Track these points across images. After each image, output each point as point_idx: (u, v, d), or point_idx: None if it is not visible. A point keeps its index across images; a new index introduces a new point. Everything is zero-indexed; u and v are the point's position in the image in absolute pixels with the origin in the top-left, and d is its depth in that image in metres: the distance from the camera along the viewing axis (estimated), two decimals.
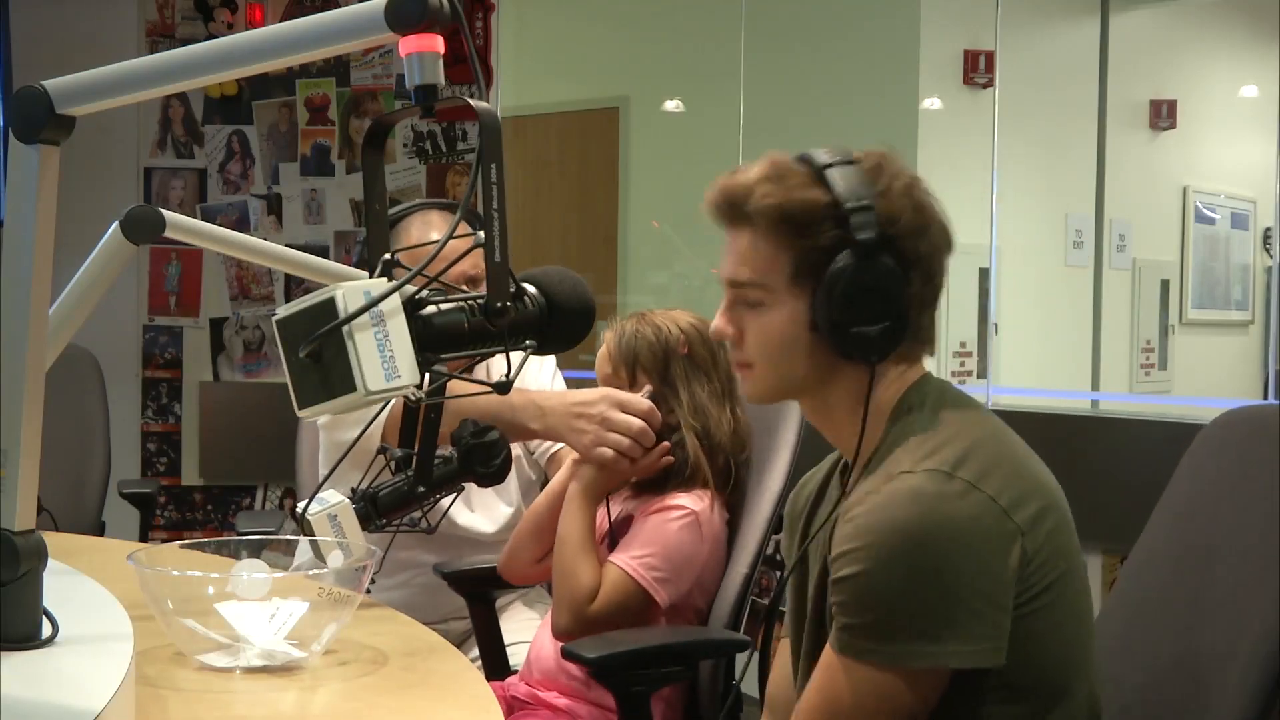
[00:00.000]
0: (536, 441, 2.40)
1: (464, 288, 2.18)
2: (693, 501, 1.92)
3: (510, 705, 1.97)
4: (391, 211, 2.35)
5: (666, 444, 1.93)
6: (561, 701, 1.93)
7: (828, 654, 1.30)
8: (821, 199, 1.32)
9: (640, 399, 1.93)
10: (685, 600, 1.93)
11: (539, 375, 2.41)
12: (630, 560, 1.87)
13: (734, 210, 1.38)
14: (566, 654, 1.72)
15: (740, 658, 1.90)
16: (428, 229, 2.31)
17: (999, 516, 1.25)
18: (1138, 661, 1.44)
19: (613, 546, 1.94)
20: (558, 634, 1.89)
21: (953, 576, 1.24)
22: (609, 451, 1.91)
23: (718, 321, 1.42)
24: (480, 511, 2.38)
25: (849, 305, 1.31)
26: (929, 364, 1.43)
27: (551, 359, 2.42)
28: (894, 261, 1.31)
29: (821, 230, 1.32)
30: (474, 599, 2.26)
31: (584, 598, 1.86)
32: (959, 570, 1.24)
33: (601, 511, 2.00)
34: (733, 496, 1.99)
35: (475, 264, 1.13)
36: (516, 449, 2.41)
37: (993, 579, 1.24)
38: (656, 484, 1.96)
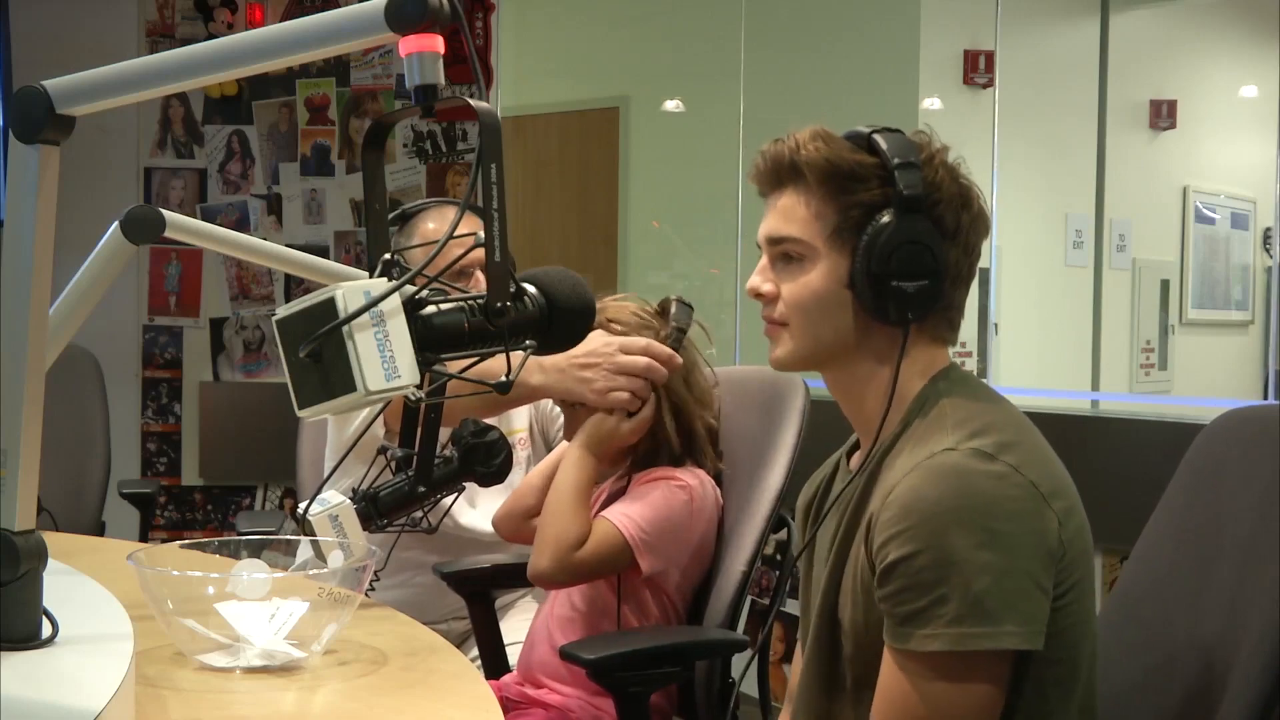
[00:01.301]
0: (556, 429, 2.40)
1: (478, 273, 2.20)
2: (687, 476, 1.92)
3: (504, 706, 1.96)
4: (407, 206, 2.38)
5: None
6: (554, 699, 1.92)
7: (890, 656, 1.27)
8: (868, 159, 1.35)
9: (639, 340, 1.93)
10: (666, 580, 1.91)
11: None
12: (621, 516, 1.87)
13: (780, 169, 1.39)
14: (564, 655, 1.72)
15: (738, 657, 1.90)
16: (443, 224, 2.32)
17: (1039, 501, 1.25)
18: (1139, 659, 1.44)
19: None
20: (536, 577, 1.88)
21: (1001, 552, 1.22)
22: (623, 394, 1.90)
23: (753, 280, 1.42)
24: (484, 511, 2.38)
25: (888, 260, 1.31)
26: None
27: None
28: (934, 226, 1.34)
29: (867, 187, 1.34)
30: (473, 598, 2.26)
31: (571, 544, 1.84)
32: (1007, 547, 1.22)
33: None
34: (731, 493, 1.99)
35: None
36: (522, 452, 2.41)
37: (1036, 559, 1.24)
38: (646, 461, 1.96)
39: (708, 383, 2.01)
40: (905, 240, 1.32)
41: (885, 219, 1.32)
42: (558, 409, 2.40)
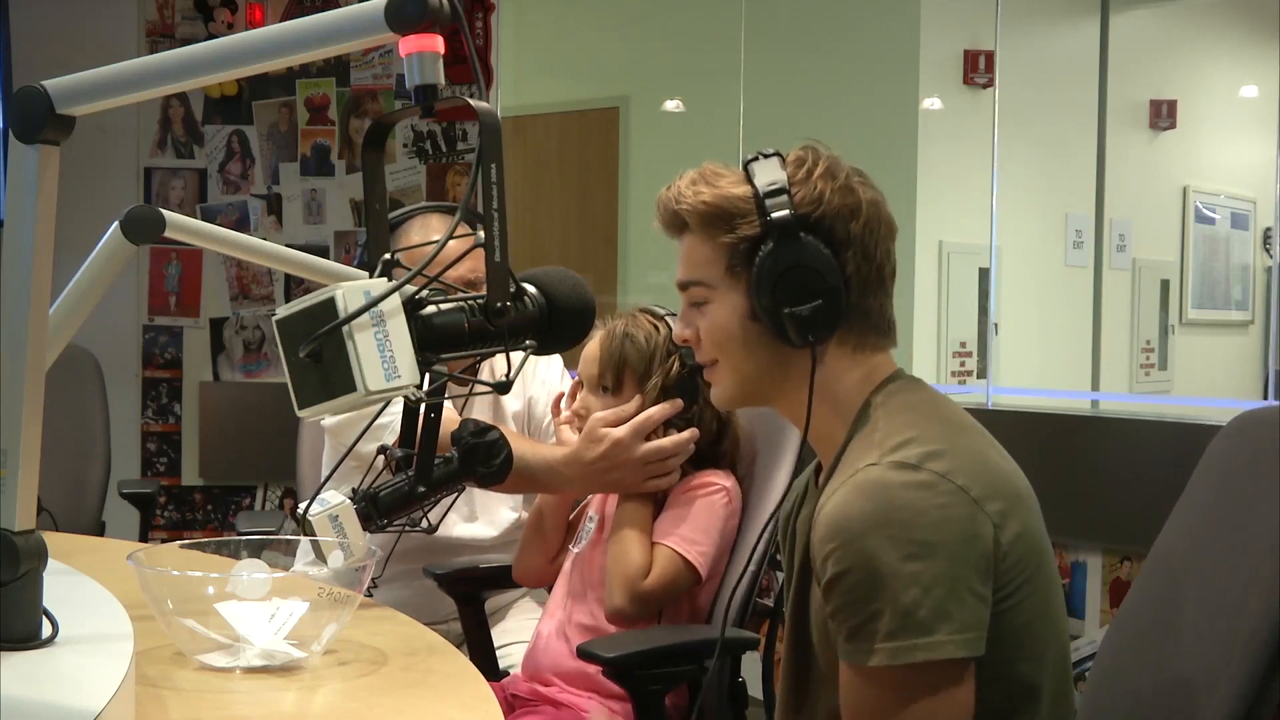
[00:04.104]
0: (547, 422, 2.41)
1: (464, 290, 2.19)
2: (720, 478, 1.96)
3: (510, 704, 1.96)
4: (391, 215, 2.35)
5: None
6: (565, 697, 1.93)
7: (843, 669, 1.28)
8: (745, 192, 1.38)
9: (657, 413, 1.93)
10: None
11: (548, 373, 2.41)
12: (673, 539, 1.91)
13: (671, 217, 1.43)
14: (582, 653, 1.72)
15: (746, 657, 1.92)
16: (428, 233, 2.31)
17: (969, 505, 1.25)
18: (1160, 664, 1.42)
19: None
20: (613, 616, 1.90)
21: (929, 562, 1.23)
22: (662, 482, 1.94)
23: (676, 327, 1.48)
24: (483, 518, 2.38)
25: (778, 288, 1.34)
26: (929, 362, 1.44)
27: (558, 358, 2.42)
28: (823, 242, 1.35)
29: (747, 221, 1.37)
30: (463, 599, 2.25)
31: (636, 574, 1.87)
32: (934, 556, 1.23)
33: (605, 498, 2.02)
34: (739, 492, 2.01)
35: (474, 268, 1.13)
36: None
37: (969, 566, 1.24)
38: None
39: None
40: (787, 267, 1.34)
41: (768, 248, 1.35)
42: (548, 418, 2.41)
